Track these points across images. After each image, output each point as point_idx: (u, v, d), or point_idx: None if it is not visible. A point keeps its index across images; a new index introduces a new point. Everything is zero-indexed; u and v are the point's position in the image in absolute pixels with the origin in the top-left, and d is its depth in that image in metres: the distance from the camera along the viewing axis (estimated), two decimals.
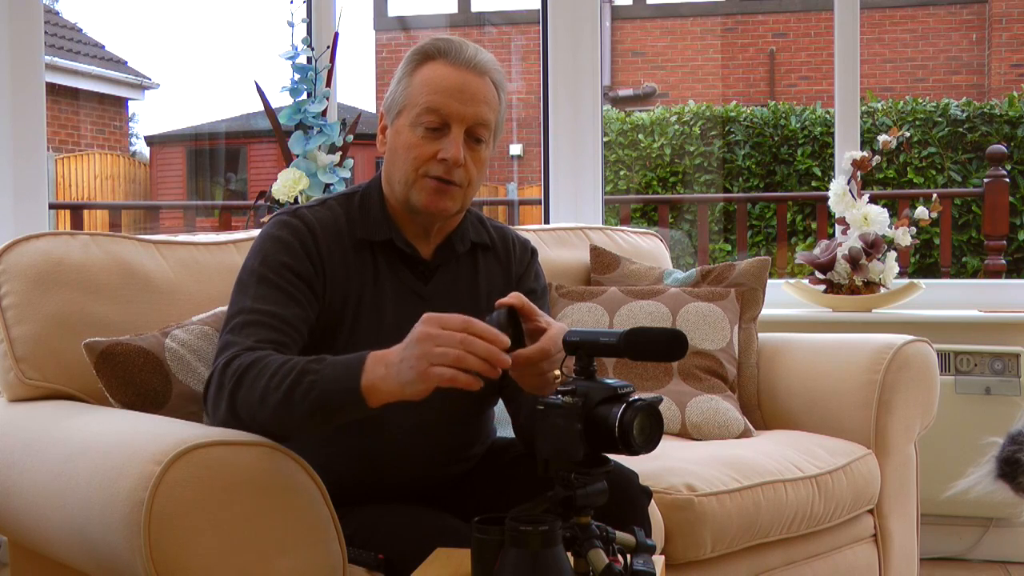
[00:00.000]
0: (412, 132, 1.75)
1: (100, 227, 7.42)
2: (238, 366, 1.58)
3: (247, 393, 1.56)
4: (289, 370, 1.54)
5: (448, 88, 1.74)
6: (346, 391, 1.50)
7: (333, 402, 1.51)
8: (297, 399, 1.52)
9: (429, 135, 1.74)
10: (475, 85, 1.75)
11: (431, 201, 1.75)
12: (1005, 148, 6.92)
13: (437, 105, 1.73)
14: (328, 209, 1.81)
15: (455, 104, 1.73)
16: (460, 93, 1.74)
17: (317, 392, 1.51)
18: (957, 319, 3.42)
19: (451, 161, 1.73)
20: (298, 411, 1.52)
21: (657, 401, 1.43)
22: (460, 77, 1.74)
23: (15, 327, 1.96)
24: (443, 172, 1.74)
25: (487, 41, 12.17)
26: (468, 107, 1.74)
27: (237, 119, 11.60)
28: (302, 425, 1.55)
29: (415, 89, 1.76)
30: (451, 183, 1.75)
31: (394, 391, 1.48)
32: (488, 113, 1.76)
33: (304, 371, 1.53)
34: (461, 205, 1.79)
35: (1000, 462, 2.24)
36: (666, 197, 8.61)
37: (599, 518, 1.45)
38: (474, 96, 1.75)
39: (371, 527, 1.71)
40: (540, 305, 1.78)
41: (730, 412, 2.64)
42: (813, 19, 11.66)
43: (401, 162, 1.77)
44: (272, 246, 1.74)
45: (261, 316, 1.66)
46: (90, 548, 1.57)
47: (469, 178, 1.77)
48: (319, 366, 1.53)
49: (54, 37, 10.70)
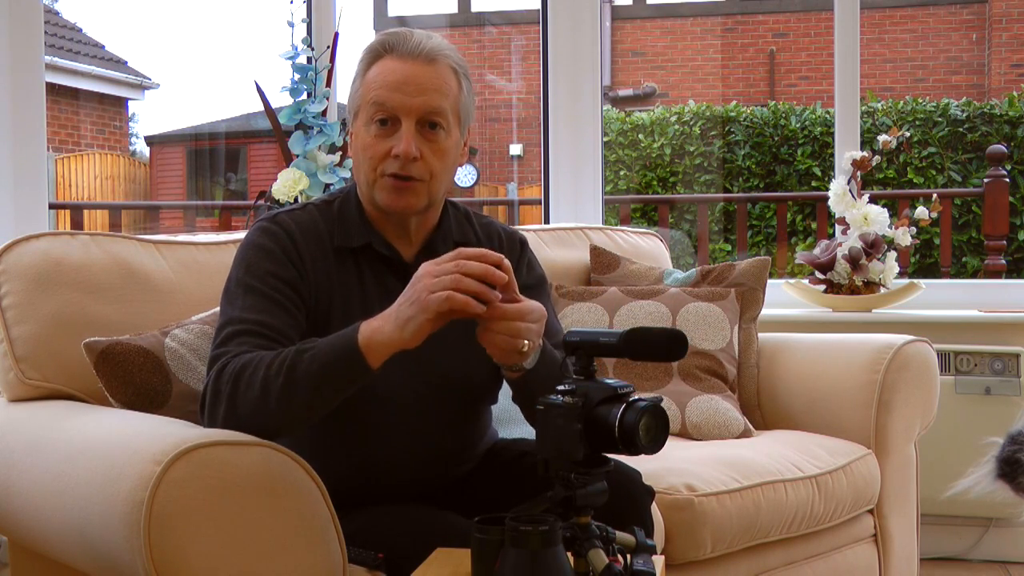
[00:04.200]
0: (366, 131, 1.74)
1: (100, 227, 7.42)
2: (232, 371, 1.58)
3: (247, 391, 1.56)
4: (285, 356, 1.55)
5: (393, 82, 1.72)
6: (345, 354, 1.52)
7: (335, 368, 1.52)
8: (299, 377, 1.53)
9: (381, 132, 1.72)
10: (422, 75, 1.72)
11: (392, 200, 1.73)
12: (1005, 148, 6.92)
13: (382, 99, 1.72)
14: (307, 213, 1.80)
15: (399, 96, 1.71)
16: (405, 85, 1.71)
17: (317, 364, 1.52)
18: (957, 319, 3.42)
19: (403, 156, 1.70)
20: (302, 389, 1.53)
21: (658, 401, 1.43)
22: (405, 69, 1.72)
23: (15, 327, 1.96)
24: (398, 168, 1.71)
25: (487, 41, 12.17)
26: (414, 98, 1.71)
27: (237, 119, 11.59)
28: (310, 403, 1.55)
29: (365, 88, 1.75)
30: (410, 178, 1.72)
31: (393, 337, 1.50)
32: (439, 100, 1.73)
33: (300, 351, 1.55)
34: (428, 200, 1.76)
35: (1000, 462, 2.24)
36: (666, 197, 8.61)
37: (602, 517, 1.45)
38: (420, 86, 1.72)
39: (371, 527, 1.70)
40: (538, 297, 1.75)
41: (730, 412, 2.64)
42: (813, 19, 11.65)
43: (361, 163, 1.76)
44: (255, 254, 1.73)
45: (250, 325, 1.65)
46: (90, 548, 1.57)
47: (431, 170, 1.73)
48: (313, 344, 1.55)
49: (54, 37, 10.69)
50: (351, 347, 1.52)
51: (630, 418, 1.39)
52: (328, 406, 1.58)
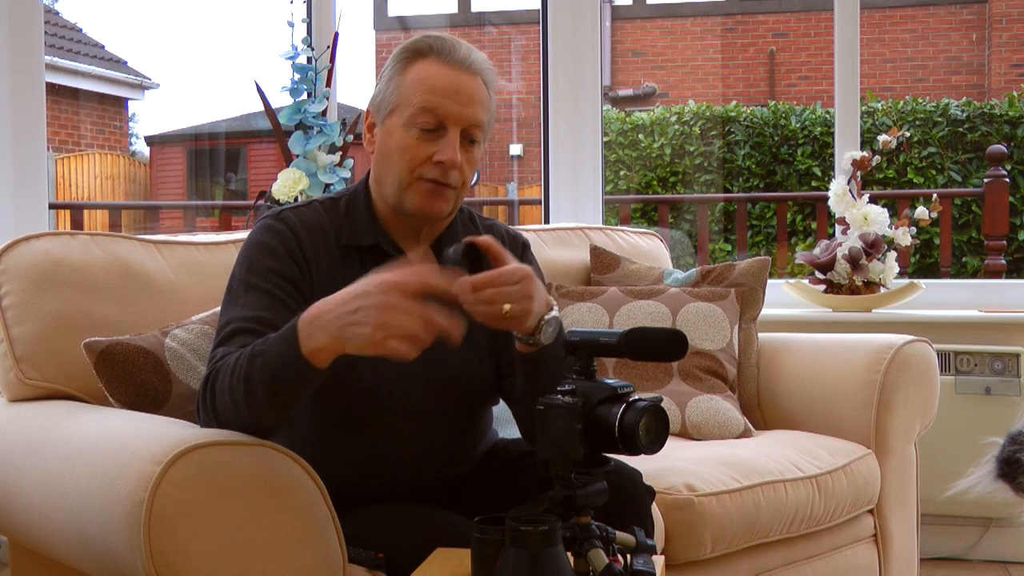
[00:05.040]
0: (406, 133, 1.72)
1: (100, 227, 7.42)
2: (212, 377, 1.58)
3: (220, 400, 1.56)
4: (242, 363, 1.53)
5: (443, 88, 1.70)
6: (291, 362, 1.48)
7: (285, 377, 1.49)
8: (255, 385, 1.51)
9: (424, 136, 1.71)
10: (470, 85, 1.72)
11: (426, 204, 1.73)
12: (1005, 148, 6.92)
13: (433, 105, 1.70)
14: (313, 210, 1.79)
15: (451, 105, 1.70)
16: (456, 94, 1.71)
17: (268, 373, 1.50)
18: (957, 319, 3.42)
19: (448, 164, 1.70)
20: (262, 396, 1.51)
21: (658, 401, 1.43)
22: (455, 77, 1.71)
23: (15, 327, 1.96)
24: (439, 175, 1.71)
25: (487, 41, 12.17)
26: (464, 108, 1.71)
27: (237, 119, 11.59)
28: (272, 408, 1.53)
29: (408, 88, 1.72)
30: (447, 185, 1.72)
31: (335, 347, 1.45)
32: (483, 114, 1.74)
33: (252, 357, 1.52)
34: (454, 206, 1.77)
35: (1000, 462, 2.24)
36: (666, 197, 8.61)
37: (602, 517, 1.45)
38: (470, 97, 1.72)
39: (371, 527, 1.70)
40: None
41: (730, 412, 2.64)
42: (813, 19, 11.65)
43: (395, 164, 1.73)
44: (258, 252, 1.72)
45: (251, 323, 1.64)
46: (90, 548, 1.57)
47: (464, 179, 1.74)
48: (264, 346, 1.52)
49: (54, 37, 10.69)
50: (295, 356, 1.47)
51: (630, 418, 1.39)
52: (296, 405, 1.56)
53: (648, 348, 1.46)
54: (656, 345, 1.46)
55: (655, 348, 1.46)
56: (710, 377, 2.69)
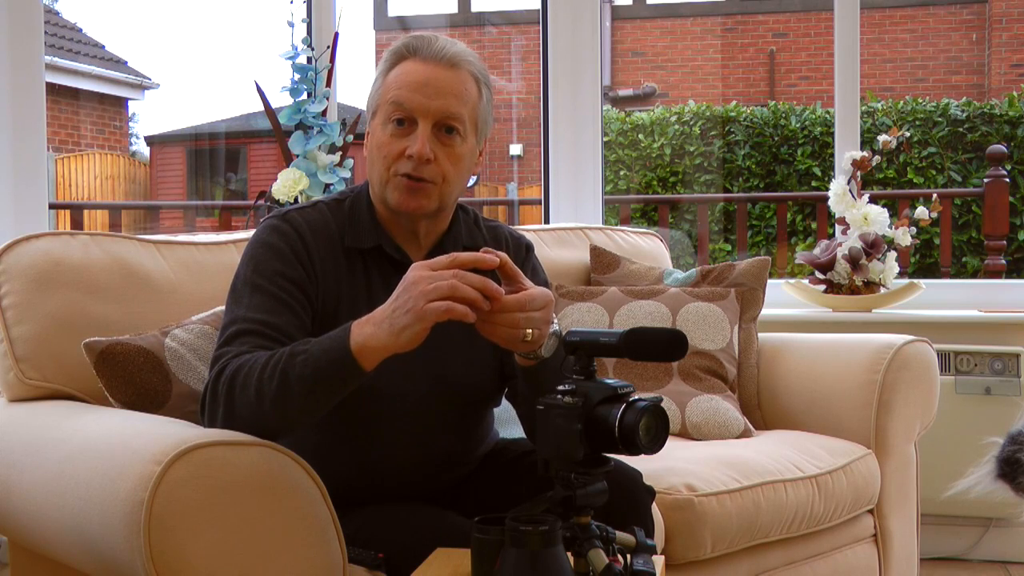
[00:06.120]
0: (383, 131, 1.74)
1: (100, 227, 7.42)
2: (229, 373, 1.58)
3: (242, 394, 1.56)
4: (279, 359, 1.54)
5: (413, 83, 1.72)
6: (338, 358, 1.51)
7: (328, 373, 1.51)
8: (293, 381, 1.52)
9: (397, 132, 1.72)
10: (443, 78, 1.72)
11: (404, 200, 1.73)
12: (1005, 148, 6.91)
13: (401, 99, 1.71)
14: (319, 212, 1.79)
15: (419, 98, 1.71)
16: (425, 87, 1.71)
17: (310, 369, 1.51)
18: (957, 319, 3.42)
19: (416, 156, 1.69)
20: (296, 393, 1.52)
21: (658, 401, 1.43)
22: (426, 71, 1.72)
23: (15, 327, 1.96)
24: (411, 169, 1.71)
25: (487, 41, 12.17)
26: (433, 100, 1.71)
27: (237, 119, 11.59)
28: (304, 406, 1.55)
29: (386, 88, 1.74)
30: (422, 180, 1.71)
31: (387, 344, 1.49)
32: (457, 105, 1.73)
33: (293, 353, 1.54)
34: (439, 203, 1.75)
35: (1000, 462, 2.24)
36: (666, 197, 8.61)
37: (602, 517, 1.45)
38: (439, 90, 1.72)
39: (371, 527, 1.70)
40: None
41: (730, 412, 2.64)
42: (813, 19, 11.66)
43: (376, 162, 1.75)
44: (263, 252, 1.72)
45: (255, 325, 1.64)
46: (90, 548, 1.57)
47: (443, 174, 1.73)
48: (306, 346, 1.54)
49: (54, 37, 10.69)
50: (344, 352, 1.50)
51: (630, 418, 1.39)
52: (325, 407, 1.58)
53: (648, 348, 1.46)
54: (656, 345, 1.46)
55: (655, 348, 1.46)
56: (710, 377, 2.69)
